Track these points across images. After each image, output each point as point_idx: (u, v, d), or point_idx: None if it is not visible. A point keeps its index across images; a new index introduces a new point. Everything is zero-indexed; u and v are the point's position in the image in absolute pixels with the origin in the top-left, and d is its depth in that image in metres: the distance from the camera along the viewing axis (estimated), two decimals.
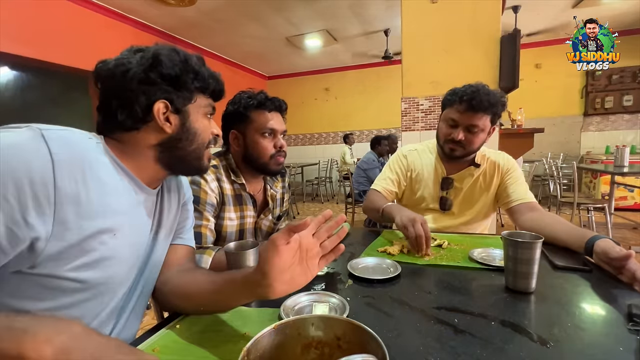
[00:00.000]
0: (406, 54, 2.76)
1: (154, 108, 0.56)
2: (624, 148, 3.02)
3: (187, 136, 0.61)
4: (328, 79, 7.06)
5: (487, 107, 1.08)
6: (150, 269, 0.65)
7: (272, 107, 1.01)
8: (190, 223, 0.76)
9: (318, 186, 6.47)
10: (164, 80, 0.56)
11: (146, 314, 2.11)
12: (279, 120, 1.03)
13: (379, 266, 0.83)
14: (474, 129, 1.11)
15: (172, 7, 3.83)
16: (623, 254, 0.69)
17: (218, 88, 0.65)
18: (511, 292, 0.68)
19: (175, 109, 0.58)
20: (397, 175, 1.33)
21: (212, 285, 0.58)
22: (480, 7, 2.53)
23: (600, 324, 0.57)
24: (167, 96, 0.57)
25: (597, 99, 5.29)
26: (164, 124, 0.57)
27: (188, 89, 0.59)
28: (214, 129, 0.67)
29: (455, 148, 1.16)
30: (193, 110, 0.61)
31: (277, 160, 1.02)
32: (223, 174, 1.00)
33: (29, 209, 0.43)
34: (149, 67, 0.55)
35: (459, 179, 1.24)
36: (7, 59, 3.06)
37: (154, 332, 0.57)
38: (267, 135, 1.00)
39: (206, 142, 0.65)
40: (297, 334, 0.41)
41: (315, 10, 4.16)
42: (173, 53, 0.58)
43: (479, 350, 0.49)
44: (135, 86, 0.55)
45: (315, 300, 0.64)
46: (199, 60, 0.61)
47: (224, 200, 0.98)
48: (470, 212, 1.25)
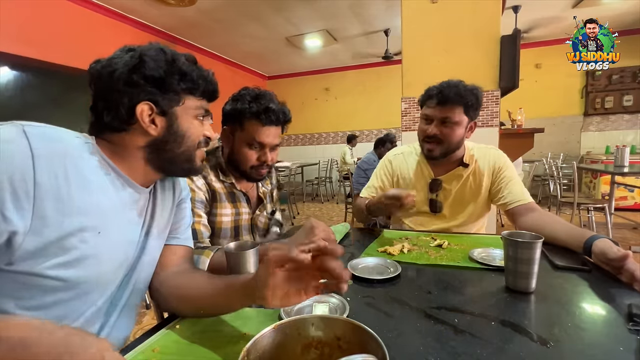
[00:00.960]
0: (406, 54, 2.76)
1: (137, 110, 0.55)
2: (624, 148, 3.02)
3: (175, 138, 0.60)
4: (328, 79, 7.07)
5: (457, 99, 1.09)
6: (142, 268, 0.64)
7: (268, 121, 0.93)
8: (187, 222, 0.75)
9: (318, 186, 6.48)
10: (148, 82, 0.55)
11: (146, 314, 2.11)
12: (272, 133, 0.95)
13: (379, 266, 0.83)
14: (448, 121, 1.11)
15: (172, 7, 3.83)
16: (621, 254, 0.69)
17: (210, 89, 0.63)
18: (511, 292, 0.68)
19: (161, 110, 0.57)
20: (383, 182, 1.32)
21: (213, 288, 0.58)
22: (480, 7, 2.53)
23: (600, 324, 0.57)
24: (151, 98, 0.56)
25: (597, 99, 5.29)
26: (148, 126, 0.56)
27: (174, 91, 0.58)
28: (206, 131, 0.65)
29: (432, 147, 1.15)
30: (181, 112, 0.59)
31: (258, 172, 0.98)
32: (210, 172, 0.99)
33: (6, 202, 0.43)
34: (132, 68, 0.54)
35: (448, 180, 1.22)
36: (7, 59, 3.06)
37: (154, 332, 0.57)
38: (254, 147, 0.95)
39: (196, 144, 0.63)
40: (297, 334, 0.41)
41: (315, 10, 4.16)
42: (159, 53, 0.56)
43: (479, 350, 0.49)
44: (121, 87, 0.54)
45: (315, 300, 0.64)
46: (189, 61, 0.60)
47: (215, 197, 0.98)
48: (463, 215, 1.23)
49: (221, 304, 0.57)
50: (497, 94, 2.54)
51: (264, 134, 0.94)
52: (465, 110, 1.11)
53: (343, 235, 1.14)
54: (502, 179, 1.17)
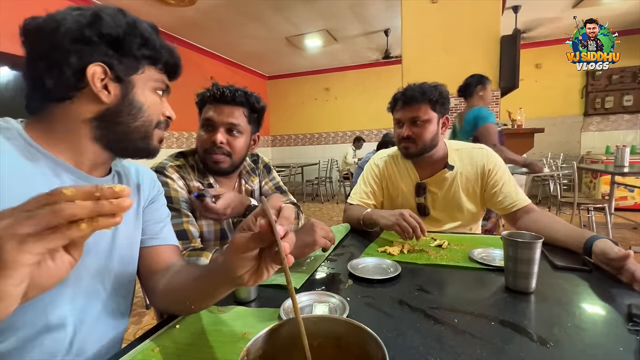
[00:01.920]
0: (406, 54, 2.76)
1: (88, 72, 0.48)
2: (624, 148, 3.01)
3: (130, 110, 0.53)
4: (328, 79, 7.07)
5: (419, 97, 1.11)
6: (112, 270, 0.58)
7: (214, 98, 0.93)
8: (166, 220, 0.70)
9: (318, 186, 6.48)
10: (103, 41, 0.49)
11: (146, 314, 2.11)
12: (220, 110, 0.93)
13: (379, 266, 0.83)
14: (417, 120, 1.13)
15: (172, 7, 3.83)
16: (621, 254, 0.69)
17: (172, 62, 0.57)
18: (511, 292, 0.68)
19: (115, 76, 0.50)
20: (371, 186, 1.30)
21: (195, 277, 0.54)
22: (480, 7, 2.53)
23: (600, 324, 0.57)
24: (105, 60, 0.49)
25: (597, 99, 5.29)
26: (100, 91, 0.50)
27: (134, 56, 0.52)
28: (167, 110, 0.59)
29: (408, 145, 1.16)
30: (139, 82, 0.53)
31: (212, 158, 0.94)
32: (190, 173, 0.97)
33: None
34: (86, 24, 0.47)
35: (433, 184, 1.21)
36: (7, 59, 3.06)
37: (153, 332, 0.56)
38: (206, 128, 0.95)
39: (154, 122, 0.57)
40: (296, 334, 0.41)
41: (315, 10, 4.16)
42: (118, 14, 0.51)
43: (479, 350, 0.49)
44: (68, 45, 0.47)
45: (315, 300, 0.64)
46: (152, 28, 0.54)
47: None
48: (456, 218, 1.22)
49: (205, 292, 0.51)
50: (497, 94, 2.54)
51: (211, 110, 0.94)
52: (432, 107, 1.13)
53: (343, 235, 1.13)
54: (494, 183, 1.14)
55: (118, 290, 0.62)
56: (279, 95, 7.29)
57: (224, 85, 0.95)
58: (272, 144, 7.71)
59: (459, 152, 1.21)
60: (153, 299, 0.65)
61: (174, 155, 1.00)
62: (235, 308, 0.64)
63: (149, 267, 0.65)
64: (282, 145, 7.63)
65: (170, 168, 0.93)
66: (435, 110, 1.13)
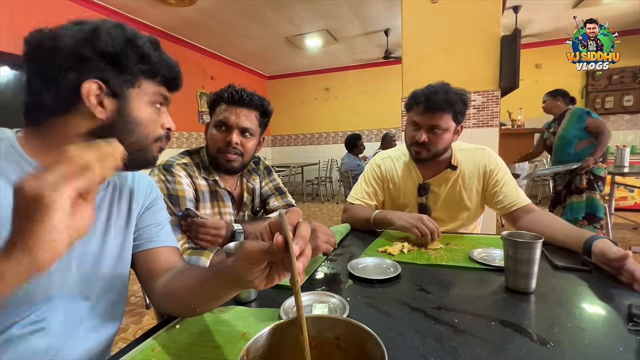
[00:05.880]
0: (406, 54, 2.76)
1: (83, 88, 0.48)
2: (624, 148, 3.02)
3: (125, 125, 0.53)
4: (328, 79, 7.06)
5: (445, 107, 1.07)
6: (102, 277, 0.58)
7: (232, 100, 0.96)
8: (165, 223, 0.70)
9: (318, 186, 6.47)
10: (100, 58, 0.49)
11: (146, 314, 2.11)
12: (237, 113, 0.97)
13: (379, 266, 0.83)
14: (436, 129, 1.10)
15: (172, 7, 3.83)
16: (620, 254, 0.69)
17: (170, 75, 0.57)
18: (511, 292, 0.68)
19: (111, 91, 0.51)
20: (373, 187, 1.29)
21: (199, 279, 0.54)
22: (480, 7, 2.53)
23: (600, 324, 0.57)
24: (101, 76, 0.50)
25: (597, 99, 5.28)
26: (94, 107, 0.50)
27: (130, 71, 0.52)
28: (166, 122, 0.58)
29: (420, 150, 1.14)
30: (135, 96, 0.53)
31: (225, 157, 0.97)
32: (195, 171, 1.00)
33: None
34: (83, 41, 0.48)
35: (436, 184, 1.21)
36: (7, 59, 3.06)
37: (153, 332, 0.56)
38: (220, 128, 0.98)
39: (152, 135, 0.56)
40: (296, 334, 0.41)
41: (315, 10, 4.16)
42: (117, 29, 0.51)
43: (479, 350, 0.49)
44: (63, 61, 0.48)
45: (315, 300, 0.64)
46: (151, 43, 0.54)
47: (199, 196, 0.98)
48: (456, 219, 1.22)
49: (211, 294, 0.52)
50: (497, 94, 2.54)
51: (227, 111, 0.97)
52: (454, 117, 1.11)
53: (344, 235, 1.13)
54: (495, 182, 1.15)
55: (106, 295, 0.61)
56: (279, 95, 7.28)
57: (238, 87, 0.98)
58: (272, 143, 7.70)
59: (462, 153, 1.21)
60: (154, 300, 0.64)
61: (179, 153, 1.03)
62: (235, 308, 0.64)
63: (149, 270, 0.65)
64: (282, 145, 7.63)
65: (178, 166, 0.96)
66: (455, 120, 1.12)
